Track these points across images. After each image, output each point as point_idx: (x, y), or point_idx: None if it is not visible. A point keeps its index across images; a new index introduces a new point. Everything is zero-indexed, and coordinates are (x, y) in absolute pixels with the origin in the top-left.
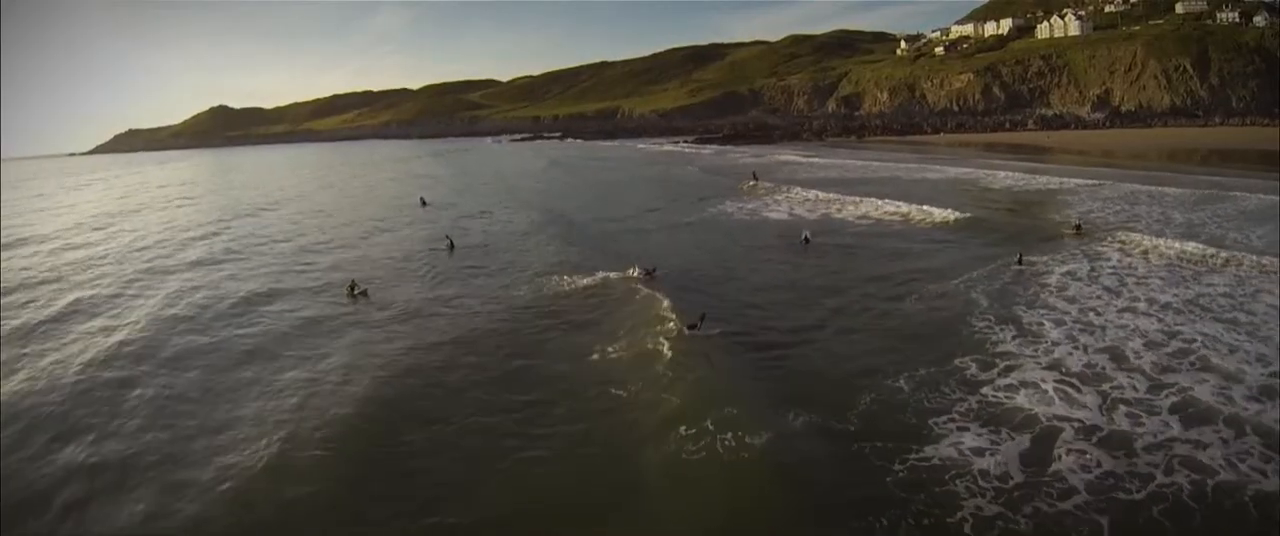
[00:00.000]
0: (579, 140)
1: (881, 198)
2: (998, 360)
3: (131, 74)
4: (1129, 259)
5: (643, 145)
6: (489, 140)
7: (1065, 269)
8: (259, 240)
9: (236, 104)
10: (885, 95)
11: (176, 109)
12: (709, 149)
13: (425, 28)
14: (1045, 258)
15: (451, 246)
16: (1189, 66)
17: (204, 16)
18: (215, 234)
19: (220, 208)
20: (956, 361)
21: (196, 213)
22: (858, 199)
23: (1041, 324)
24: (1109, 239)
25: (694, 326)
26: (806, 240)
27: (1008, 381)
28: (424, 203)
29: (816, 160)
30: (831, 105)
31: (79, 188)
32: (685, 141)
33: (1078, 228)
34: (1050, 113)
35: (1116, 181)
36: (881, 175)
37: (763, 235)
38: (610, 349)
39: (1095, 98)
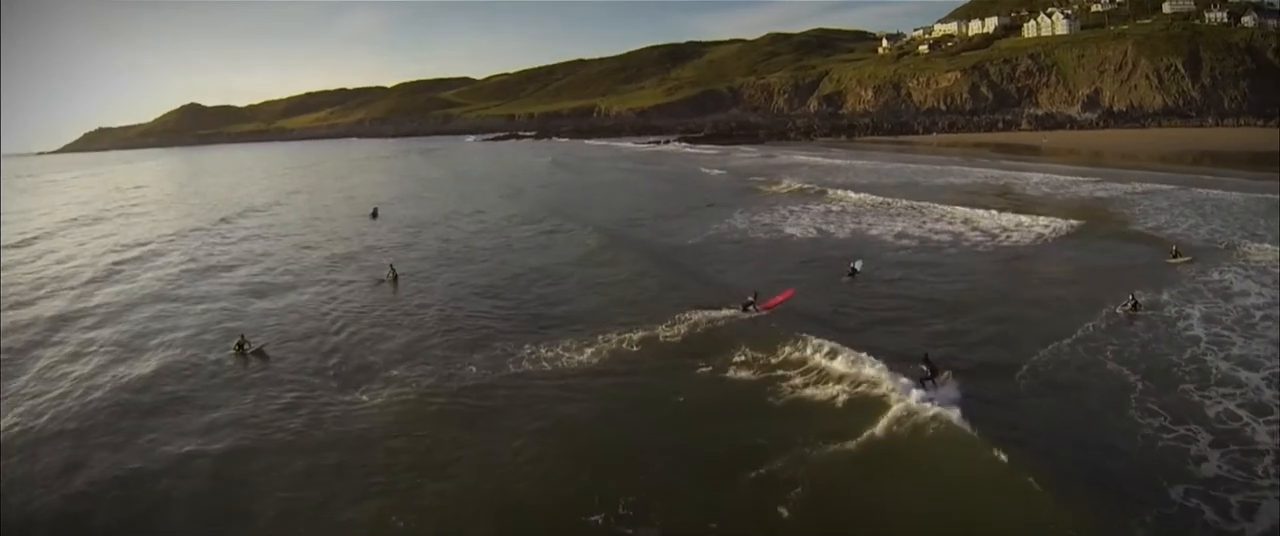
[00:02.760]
0: (559, 139)
1: (910, 200)
2: (1226, 491)
3: (101, 71)
4: (1269, 291)
5: (630, 144)
6: (470, 139)
7: (1200, 313)
8: (189, 271)
9: (208, 102)
10: (869, 94)
11: (147, 107)
12: (700, 149)
13: (401, 25)
14: (1163, 296)
15: (394, 278)
16: (1180, 66)
17: (176, 13)
18: (145, 260)
19: (166, 222)
20: (1176, 497)
21: (138, 229)
22: (889, 206)
23: (1237, 418)
24: (1222, 265)
25: (928, 377)
26: (854, 272)
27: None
28: (375, 215)
29: (821, 161)
30: (813, 104)
31: (25, 192)
32: (672, 140)
33: (1176, 252)
34: (1040, 112)
35: (1163, 186)
36: (899, 179)
37: (793, 258)
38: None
39: (1085, 97)
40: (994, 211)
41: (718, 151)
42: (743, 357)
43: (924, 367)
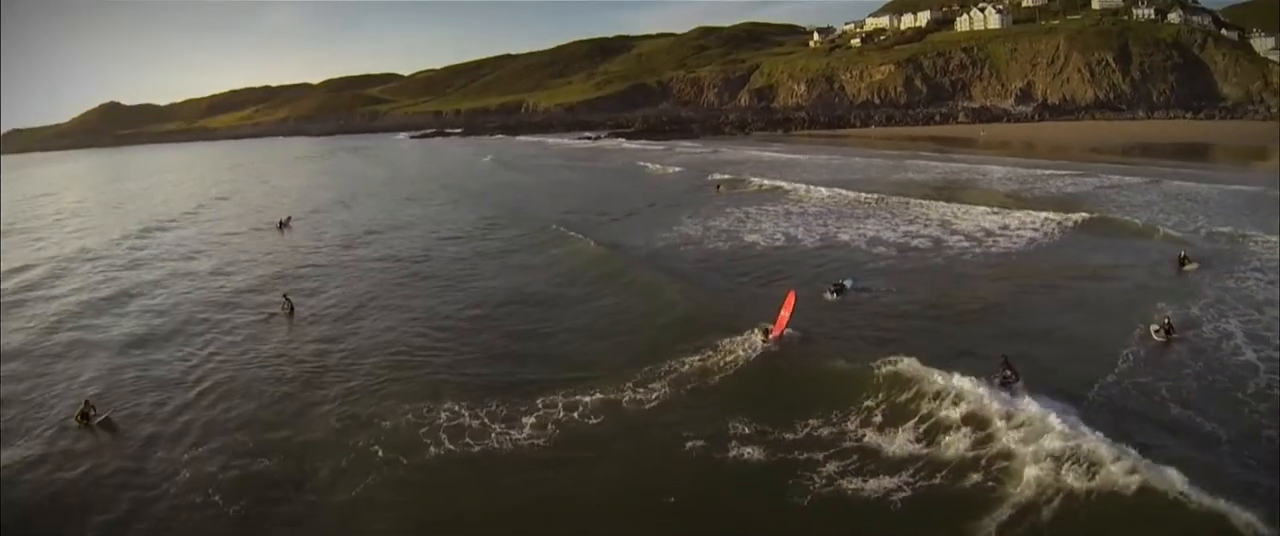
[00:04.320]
0: (487, 136)
1: (875, 198)
2: None
3: (12, 69)
4: None
5: (568, 141)
6: (402, 136)
7: (1241, 331)
8: (67, 311)
9: (128, 101)
10: (802, 87)
11: (64, 106)
12: (639, 144)
13: (327, 21)
14: (1192, 311)
15: (291, 310)
16: (1111, 60)
17: (93, 8)
18: (24, 293)
19: (63, 241)
20: None
21: (27, 251)
22: (855, 206)
23: None
24: (1236, 269)
25: (1011, 380)
26: (842, 289)
27: None
28: (283, 225)
29: (768, 156)
30: (744, 98)
31: None
32: (603, 135)
33: (1185, 258)
34: (974, 105)
35: (1130, 179)
36: (855, 175)
37: (765, 270)
38: None
39: (1018, 90)
40: (970, 209)
41: (661, 148)
42: (747, 428)
43: (1008, 373)
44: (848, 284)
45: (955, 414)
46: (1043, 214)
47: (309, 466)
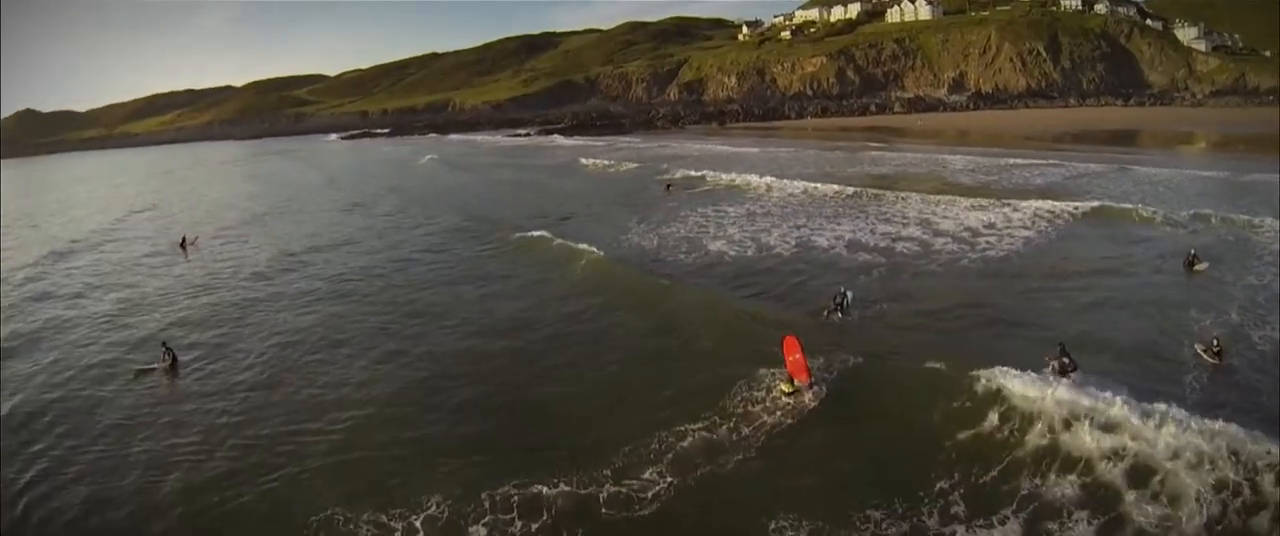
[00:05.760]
0: (415, 136)
1: (838, 194)
2: None
3: None
4: None
5: (502, 138)
6: (333, 137)
7: None
8: None
9: (45, 107)
10: (732, 81)
11: None
12: (577, 140)
13: (254, 22)
14: (1233, 317)
15: (172, 362)
16: (1042, 50)
17: (4, 13)
18: None
19: None
20: None
21: None
22: (822, 204)
23: None
24: (1250, 264)
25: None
26: (844, 305)
27: None
28: (186, 244)
29: (712, 150)
30: (673, 92)
31: None
32: (534, 133)
33: (1195, 258)
34: (908, 95)
35: (1095, 166)
36: (808, 170)
37: (740, 285)
38: None
39: (951, 80)
40: (949, 205)
41: (601, 143)
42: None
43: (1065, 360)
44: (849, 296)
45: (1066, 490)
46: (1030, 207)
47: None
